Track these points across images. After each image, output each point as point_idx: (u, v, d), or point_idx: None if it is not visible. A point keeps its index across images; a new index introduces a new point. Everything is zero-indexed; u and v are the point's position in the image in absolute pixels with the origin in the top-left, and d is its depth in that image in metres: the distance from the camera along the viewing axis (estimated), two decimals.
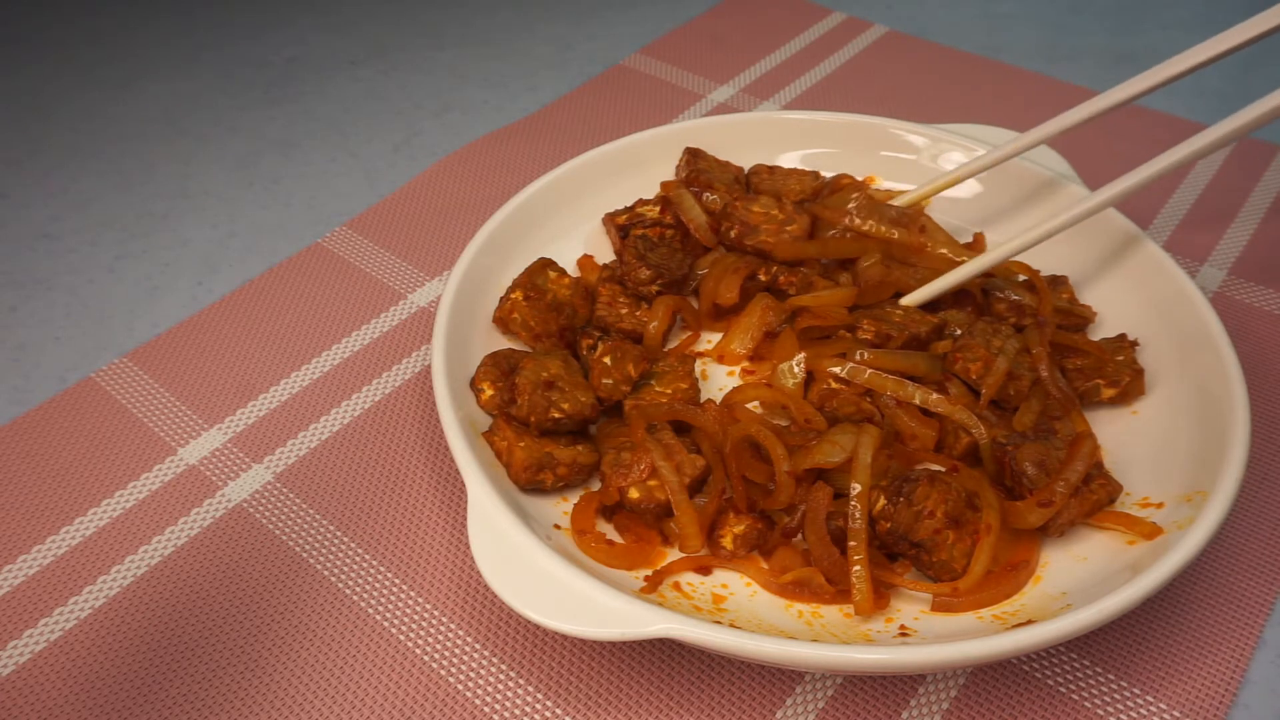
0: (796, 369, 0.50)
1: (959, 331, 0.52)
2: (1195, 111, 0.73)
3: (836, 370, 0.50)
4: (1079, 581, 0.43)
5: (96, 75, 0.82)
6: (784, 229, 0.56)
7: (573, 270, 0.59)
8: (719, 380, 0.54)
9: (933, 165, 0.62)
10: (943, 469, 0.47)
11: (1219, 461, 0.43)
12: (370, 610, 0.46)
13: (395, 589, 0.46)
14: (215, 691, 0.43)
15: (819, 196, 0.60)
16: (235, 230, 0.67)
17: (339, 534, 0.49)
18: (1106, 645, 0.43)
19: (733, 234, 0.56)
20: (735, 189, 0.61)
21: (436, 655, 0.44)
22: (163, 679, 0.43)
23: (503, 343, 0.54)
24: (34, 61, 0.84)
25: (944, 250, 0.55)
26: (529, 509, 0.46)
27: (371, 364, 0.57)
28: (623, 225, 0.59)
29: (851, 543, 0.43)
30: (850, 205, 0.56)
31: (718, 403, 0.50)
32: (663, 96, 0.77)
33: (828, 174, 0.63)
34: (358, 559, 0.48)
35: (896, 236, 0.55)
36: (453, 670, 0.43)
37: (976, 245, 0.58)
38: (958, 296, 0.55)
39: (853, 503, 0.44)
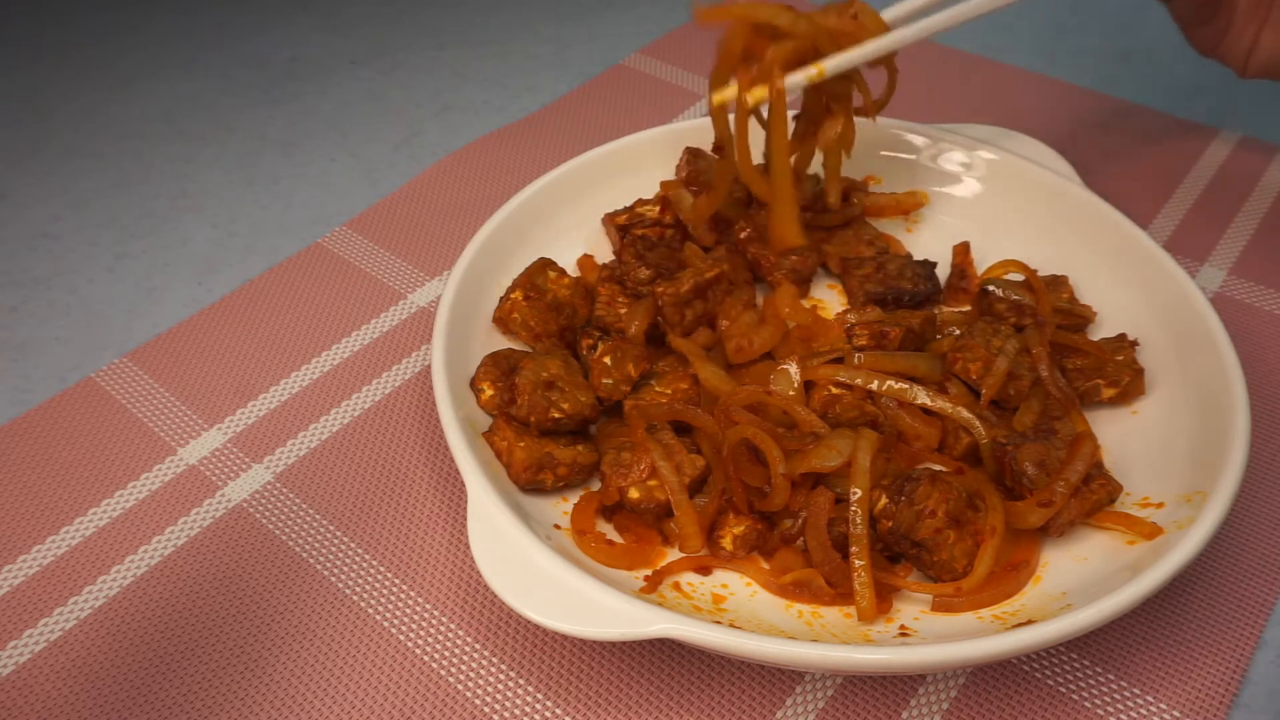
0: (794, 374, 0.50)
1: (958, 331, 0.52)
2: (1195, 112, 0.73)
3: (839, 376, 0.49)
4: (1079, 581, 0.43)
5: (96, 75, 0.82)
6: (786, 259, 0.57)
7: (573, 270, 0.59)
8: None
9: (933, 165, 0.62)
10: (945, 469, 0.47)
11: (1219, 461, 0.43)
12: (370, 610, 0.46)
13: (395, 589, 0.46)
14: (215, 691, 0.43)
15: (818, 203, 0.60)
16: (235, 230, 0.67)
17: (339, 534, 0.49)
18: (1106, 645, 0.43)
19: (742, 235, 0.57)
20: (735, 189, 0.61)
21: (436, 655, 0.44)
22: (163, 679, 0.43)
23: (503, 343, 0.54)
24: (34, 61, 0.84)
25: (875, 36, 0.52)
26: (529, 509, 0.45)
27: (371, 364, 0.57)
28: (622, 225, 0.59)
29: (854, 548, 0.43)
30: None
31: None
32: (663, 96, 0.77)
33: None
34: (358, 559, 0.48)
35: (832, 24, 0.52)
36: (453, 670, 0.43)
37: (959, 251, 0.58)
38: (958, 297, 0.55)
39: (853, 508, 0.43)
